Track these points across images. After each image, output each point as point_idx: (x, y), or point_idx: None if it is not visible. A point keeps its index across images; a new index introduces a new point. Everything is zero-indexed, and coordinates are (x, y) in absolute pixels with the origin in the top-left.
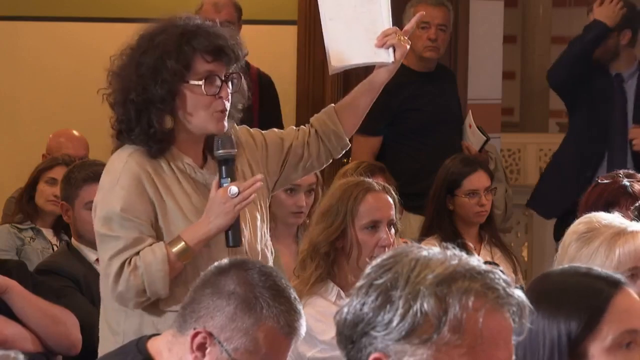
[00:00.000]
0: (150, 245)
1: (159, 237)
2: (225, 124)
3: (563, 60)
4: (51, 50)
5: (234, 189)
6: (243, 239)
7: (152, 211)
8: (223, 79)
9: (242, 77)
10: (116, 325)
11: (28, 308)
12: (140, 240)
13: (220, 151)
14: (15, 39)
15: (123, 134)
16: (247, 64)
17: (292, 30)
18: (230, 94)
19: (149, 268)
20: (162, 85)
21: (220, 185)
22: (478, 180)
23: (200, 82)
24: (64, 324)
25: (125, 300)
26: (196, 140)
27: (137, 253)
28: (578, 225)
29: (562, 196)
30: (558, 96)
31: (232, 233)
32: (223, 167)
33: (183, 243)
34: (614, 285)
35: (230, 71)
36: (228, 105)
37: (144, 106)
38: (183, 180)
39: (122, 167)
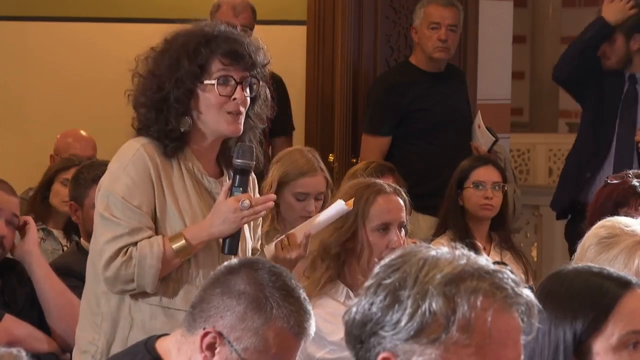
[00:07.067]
0: (149, 237)
1: (155, 230)
2: (240, 127)
3: (566, 57)
4: (60, 50)
5: (246, 202)
6: (239, 249)
7: (153, 203)
8: (238, 81)
9: (265, 85)
10: (96, 307)
11: (46, 281)
12: (139, 231)
13: (239, 160)
14: (25, 39)
15: (143, 131)
16: None
17: (302, 30)
18: (247, 98)
19: (143, 261)
20: (178, 85)
21: (231, 193)
22: (485, 172)
23: (214, 82)
24: (76, 310)
25: (111, 286)
26: (210, 147)
27: (135, 243)
28: (599, 228)
29: (562, 196)
30: (568, 94)
31: (230, 241)
32: (238, 176)
33: (184, 241)
34: (624, 285)
35: (248, 75)
36: (243, 109)
37: (161, 105)
38: (188, 181)
39: (132, 156)
